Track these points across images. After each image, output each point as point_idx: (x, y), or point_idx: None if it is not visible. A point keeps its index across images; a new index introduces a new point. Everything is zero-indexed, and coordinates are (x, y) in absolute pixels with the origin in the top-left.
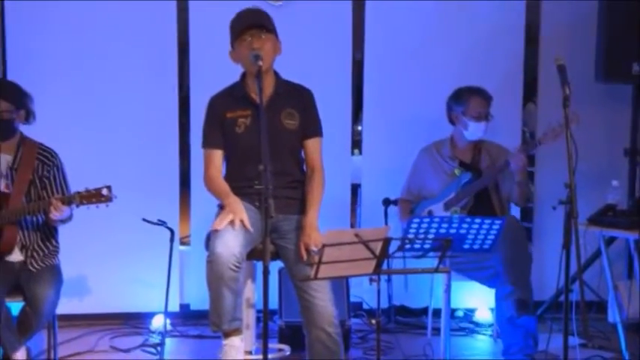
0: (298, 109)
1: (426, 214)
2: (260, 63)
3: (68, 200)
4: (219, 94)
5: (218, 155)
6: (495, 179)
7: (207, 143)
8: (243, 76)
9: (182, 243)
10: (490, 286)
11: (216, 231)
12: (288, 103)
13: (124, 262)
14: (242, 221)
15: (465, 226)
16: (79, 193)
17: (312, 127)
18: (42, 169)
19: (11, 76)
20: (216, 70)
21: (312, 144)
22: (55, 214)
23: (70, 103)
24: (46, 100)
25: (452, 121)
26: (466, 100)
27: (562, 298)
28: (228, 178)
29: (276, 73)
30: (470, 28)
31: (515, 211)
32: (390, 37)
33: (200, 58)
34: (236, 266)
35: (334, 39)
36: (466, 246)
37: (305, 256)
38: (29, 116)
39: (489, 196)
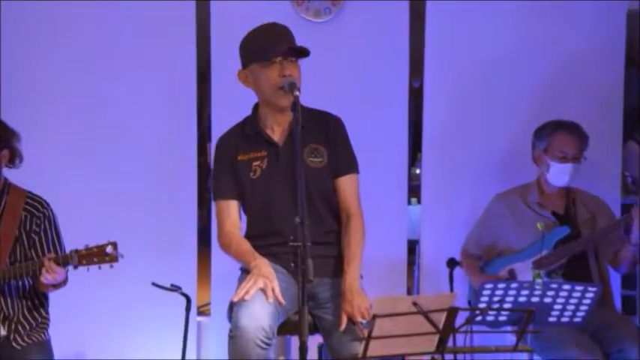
0: (324, 143)
1: (506, 274)
2: (297, 93)
3: (64, 260)
4: (228, 133)
5: (234, 207)
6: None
7: (219, 193)
8: (256, 109)
9: (200, 313)
10: None
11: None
12: (312, 136)
13: (130, 335)
14: (273, 290)
15: (551, 293)
16: (77, 251)
17: (343, 161)
18: (30, 222)
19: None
20: (242, 101)
21: (345, 183)
22: (47, 278)
23: (65, 143)
24: (36, 137)
25: (535, 161)
26: (549, 134)
27: None
28: (247, 235)
29: None
30: (555, 48)
31: (615, 278)
32: (455, 60)
33: (223, 88)
34: (265, 343)
35: (387, 62)
36: (552, 319)
37: (343, 325)
38: (14, 157)
39: (586, 257)
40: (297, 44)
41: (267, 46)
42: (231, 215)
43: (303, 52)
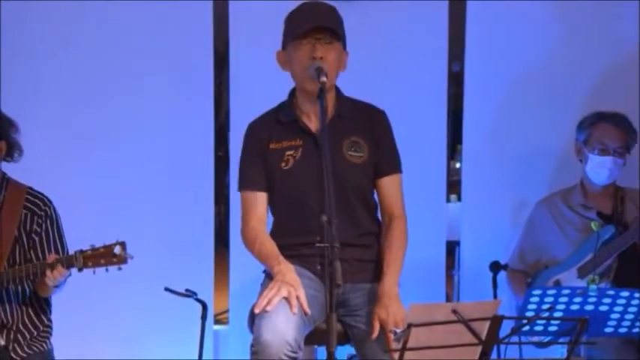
0: (366, 137)
1: (552, 284)
2: (324, 79)
3: (67, 262)
4: (260, 118)
5: (262, 199)
6: None
7: (246, 184)
8: (292, 93)
9: (217, 321)
10: None
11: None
12: (353, 129)
13: (141, 345)
14: (298, 299)
15: (607, 300)
16: (82, 252)
17: (388, 160)
18: (31, 221)
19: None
20: (264, 88)
21: (389, 183)
22: (52, 279)
23: (70, 135)
24: (39, 129)
25: (577, 156)
26: (589, 125)
27: None
28: (273, 232)
29: (337, 90)
30: (613, 31)
31: None
32: (499, 42)
33: (243, 73)
34: (291, 358)
35: (423, 42)
36: (609, 329)
37: (376, 332)
38: (12, 150)
39: (638, 258)
40: (338, 26)
41: (297, 24)
42: (259, 208)
43: (334, 32)
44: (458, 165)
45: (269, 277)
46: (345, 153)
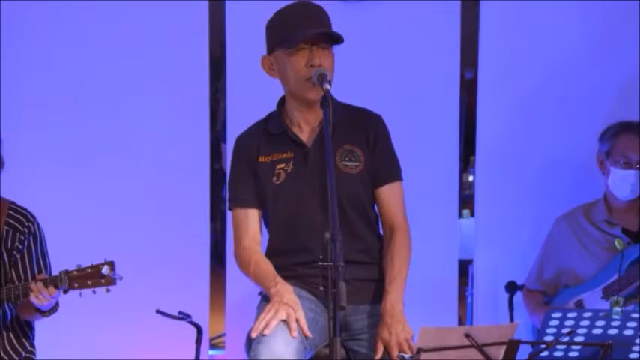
0: (361, 145)
1: (573, 306)
2: (327, 86)
3: (52, 283)
4: (248, 130)
5: (253, 216)
6: None
7: (237, 200)
8: (281, 103)
9: (213, 346)
10: None
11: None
12: (347, 137)
13: None
14: (298, 321)
15: (632, 324)
16: (67, 272)
17: (386, 168)
18: (12, 238)
19: None
20: (262, 97)
21: (388, 192)
22: (40, 301)
23: (59, 147)
24: (25, 139)
25: (599, 168)
26: (612, 136)
27: None
28: (269, 252)
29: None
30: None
31: None
32: (516, 47)
33: (241, 80)
34: None
35: (434, 48)
36: (634, 355)
37: (379, 354)
38: None
39: None
40: (332, 28)
41: (294, 30)
42: (251, 227)
43: (336, 39)
44: (471, 178)
45: (265, 299)
46: (339, 163)
